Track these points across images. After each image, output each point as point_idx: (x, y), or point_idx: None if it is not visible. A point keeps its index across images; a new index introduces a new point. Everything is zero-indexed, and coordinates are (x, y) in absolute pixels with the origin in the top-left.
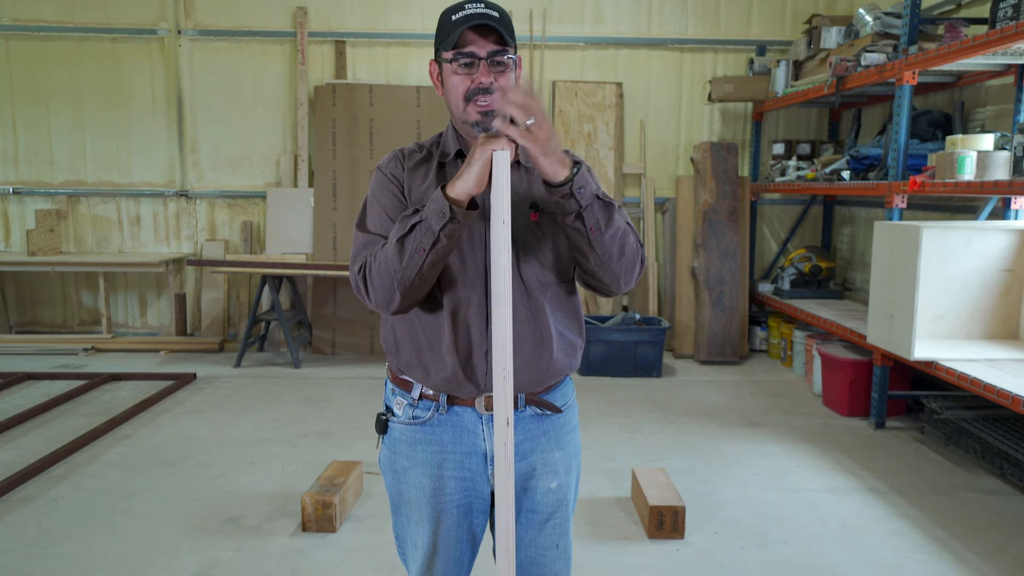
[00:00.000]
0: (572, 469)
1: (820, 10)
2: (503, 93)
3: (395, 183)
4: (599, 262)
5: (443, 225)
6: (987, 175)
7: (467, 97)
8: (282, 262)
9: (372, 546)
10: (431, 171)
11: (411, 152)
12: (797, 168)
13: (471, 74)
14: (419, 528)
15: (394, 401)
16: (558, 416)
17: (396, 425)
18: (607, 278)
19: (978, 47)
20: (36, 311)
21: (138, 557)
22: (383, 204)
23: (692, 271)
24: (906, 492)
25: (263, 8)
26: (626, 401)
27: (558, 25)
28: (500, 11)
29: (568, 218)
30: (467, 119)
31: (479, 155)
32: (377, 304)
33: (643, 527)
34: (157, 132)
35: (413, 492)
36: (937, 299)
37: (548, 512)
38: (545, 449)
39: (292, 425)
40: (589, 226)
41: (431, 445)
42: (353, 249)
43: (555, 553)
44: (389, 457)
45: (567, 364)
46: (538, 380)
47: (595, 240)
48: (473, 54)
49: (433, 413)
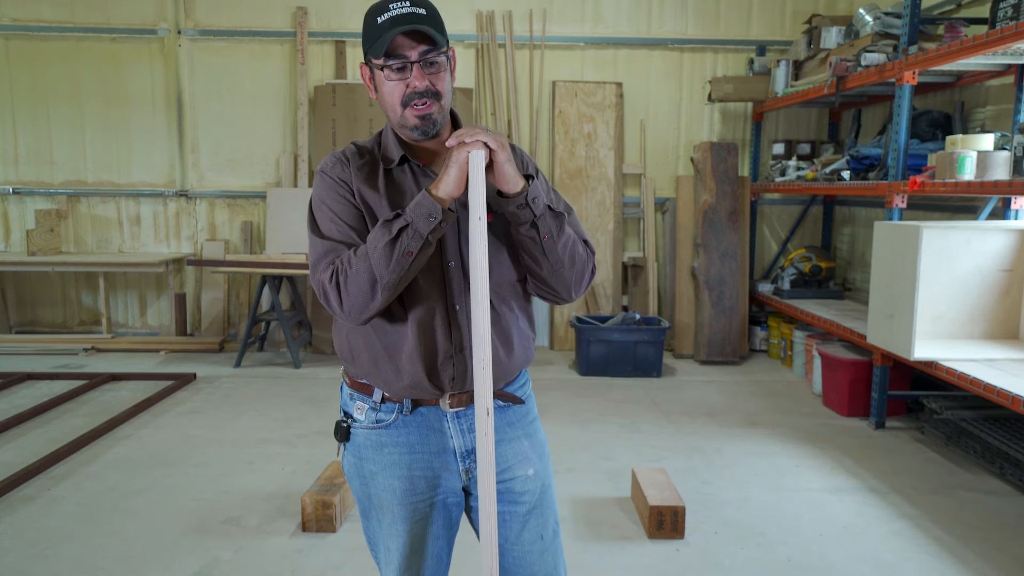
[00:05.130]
0: (545, 457)
1: (820, 10)
2: (458, 138)
3: (343, 186)
4: (551, 270)
5: (433, 228)
6: (987, 175)
7: (403, 103)
8: (282, 262)
9: None
10: (379, 178)
11: (353, 154)
12: (797, 168)
13: (405, 78)
14: (392, 530)
15: (354, 406)
16: (519, 407)
17: (359, 430)
18: (559, 286)
19: (978, 47)
20: (36, 311)
21: (138, 557)
22: (335, 210)
23: (692, 271)
24: (906, 492)
25: (263, 8)
26: (626, 401)
27: (558, 25)
28: (427, 6)
29: (523, 227)
30: (406, 124)
31: (455, 158)
32: (350, 312)
33: (643, 527)
34: (157, 132)
35: (384, 495)
36: (937, 299)
37: (530, 503)
38: (512, 438)
39: (292, 425)
40: (543, 235)
41: (398, 447)
42: (313, 256)
43: (540, 545)
44: (354, 463)
45: (525, 358)
46: (501, 375)
47: (548, 249)
48: (405, 57)
49: (397, 415)
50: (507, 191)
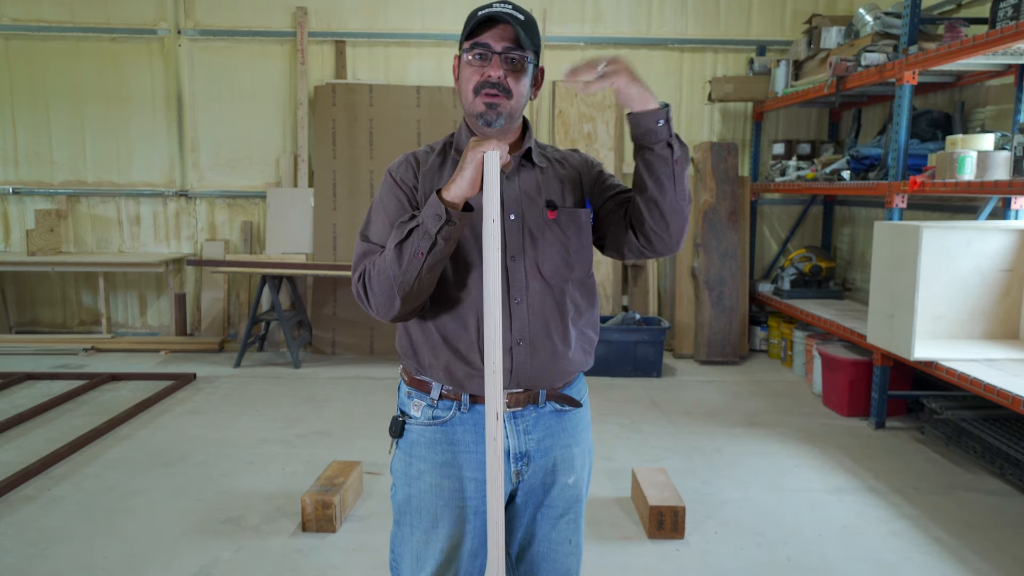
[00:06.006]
0: (587, 466)
1: (820, 10)
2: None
3: (403, 188)
4: (674, 202)
5: (439, 228)
6: (987, 175)
7: (476, 89)
8: (282, 262)
9: (372, 546)
10: (447, 172)
11: (425, 155)
12: (797, 168)
13: (484, 67)
14: (429, 536)
15: (411, 404)
16: (575, 411)
17: (414, 427)
18: (675, 224)
19: (978, 47)
20: (36, 311)
21: (138, 557)
22: (388, 211)
23: (692, 271)
24: (906, 492)
25: (263, 8)
26: (626, 401)
27: (558, 25)
28: (527, 16)
29: (659, 146)
30: (474, 110)
31: (470, 158)
32: (378, 311)
33: (643, 527)
34: (157, 132)
35: (427, 497)
36: (937, 299)
37: (564, 508)
38: (564, 444)
39: (292, 425)
40: (675, 157)
41: (452, 445)
42: (354, 257)
43: (567, 548)
44: (404, 461)
45: (584, 361)
46: (558, 376)
47: (678, 174)
48: (487, 46)
49: (455, 412)
50: (641, 108)
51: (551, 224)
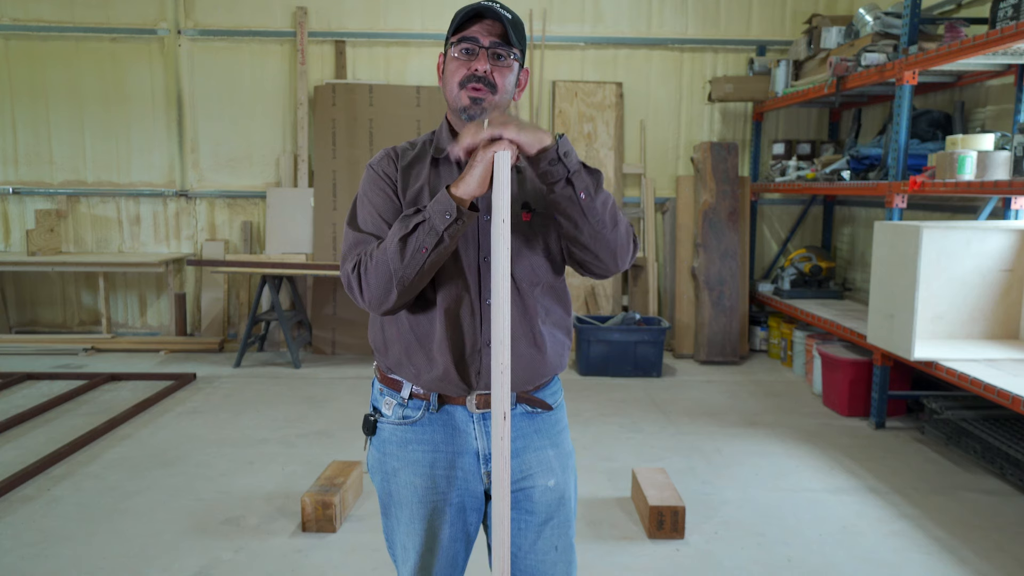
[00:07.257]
0: (568, 469)
1: (820, 10)
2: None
3: (387, 181)
4: (593, 233)
5: (448, 225)
6: (987, 175)
7: (461, 83)
8: (282, 262)
9: (372, 546)
10: (424, 169)
11: (404, 150)
12: (797, 168)
13: (470, 61)
14: (411, 529)
15: (382, 401)
16: (549, 414)
17: (385, 426)
18: (603, 252)
19: (978, 47)
20: (36, 311)
21: (138, 557)
22: (374, 203)
23: (692, 271)
24: (906, 492)
25: (263, 8)
26: (626, 401)
27: (558, 25)
28: (515, 15)
29: (558, 185)
30: (457, 104)
31: (481, 157)
32: (370, 303)
33: (643, 527)
34: (157, 132)
35: (404, 492)
36: (937, 299)
37: (547, 513)
38: (538, 447)
39: (292, 425)
40: (579, 191)
41: (422, 445)
42: (344, 247)
43: (554, 556)
44: (378, 458)
45: (557, 363)
46: (529, 378)
47: (587, 208)
48: (475, 40)
49: (424, 412)
50: (535, 151)
51: (525, 227)
